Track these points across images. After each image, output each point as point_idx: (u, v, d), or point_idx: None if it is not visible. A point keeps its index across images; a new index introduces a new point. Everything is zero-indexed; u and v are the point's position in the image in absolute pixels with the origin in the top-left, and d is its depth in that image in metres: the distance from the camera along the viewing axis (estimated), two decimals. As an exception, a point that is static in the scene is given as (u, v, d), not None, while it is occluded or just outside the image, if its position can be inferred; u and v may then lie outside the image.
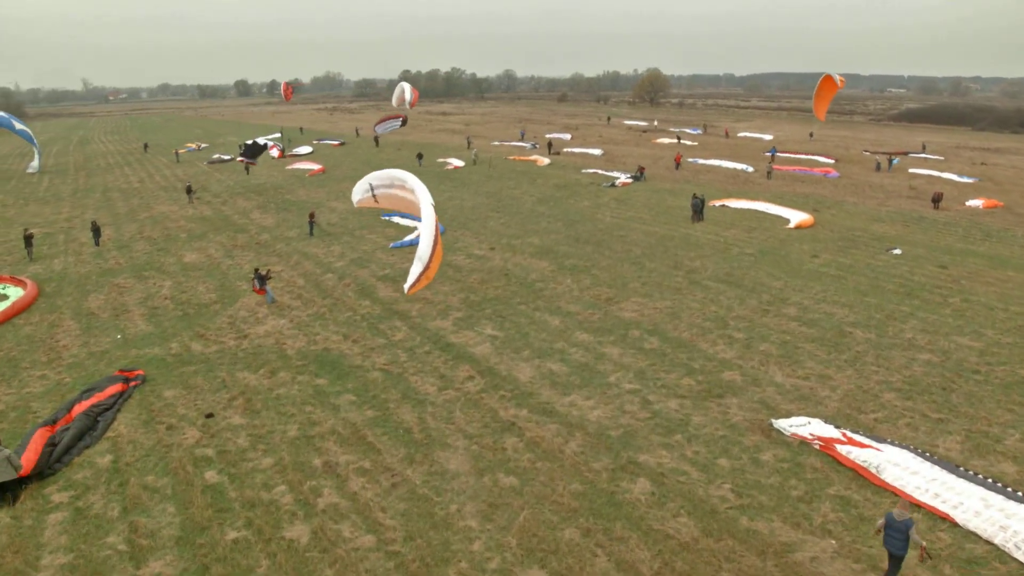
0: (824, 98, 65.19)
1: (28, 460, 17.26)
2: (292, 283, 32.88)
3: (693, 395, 20.81)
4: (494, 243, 39.60)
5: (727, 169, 70.02)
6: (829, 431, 18.50)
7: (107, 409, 20.54)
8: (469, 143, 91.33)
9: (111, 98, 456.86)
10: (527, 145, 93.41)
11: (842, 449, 17.53)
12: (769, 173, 63.53)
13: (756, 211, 47.35)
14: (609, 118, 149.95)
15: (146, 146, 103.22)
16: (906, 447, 17.66)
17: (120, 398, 21.07)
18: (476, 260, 36.02)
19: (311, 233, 42.75)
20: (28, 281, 33.97)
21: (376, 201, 32.20)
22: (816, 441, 17.96)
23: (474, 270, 34.19)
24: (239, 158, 61.71)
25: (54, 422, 19.38)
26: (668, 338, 25.18)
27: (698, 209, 44.03)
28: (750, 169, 68.78)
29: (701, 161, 75.58)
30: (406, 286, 27.55)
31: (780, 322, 26.58)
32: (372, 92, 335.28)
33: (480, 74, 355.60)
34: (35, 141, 79.87)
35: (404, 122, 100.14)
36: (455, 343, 25.14)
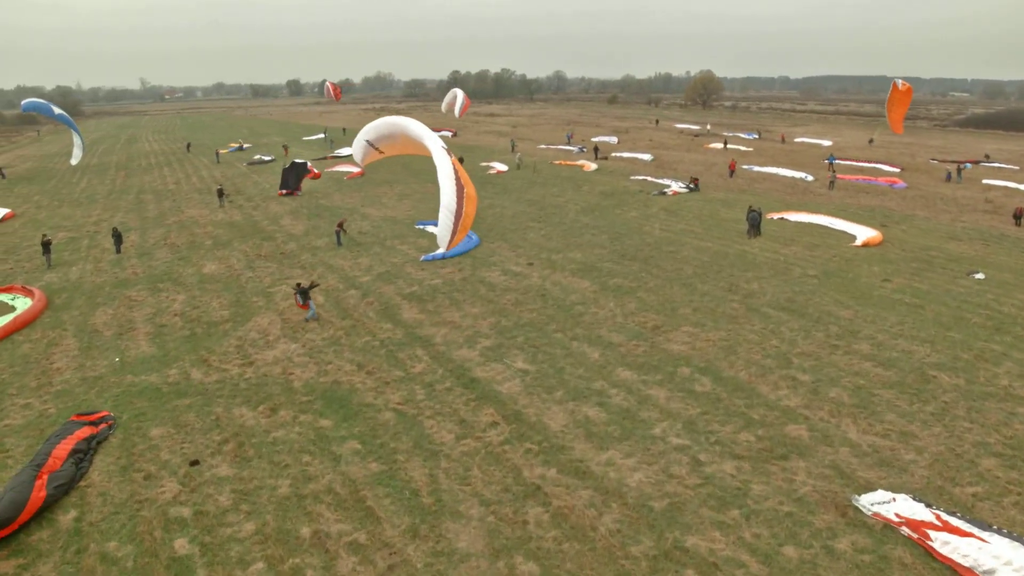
0: (898, 109, 61.00)
1: (28, 512, 15.62)
2: (312, 300, 30.44)
3: (752, 455, 17.69)
4: (533, 258, 36.77)
5: (785, 178, 66.08)
6: (919, 511, 15.27)
7: (84, 455, 18.13)
8: (513, 146, 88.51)
9: (167, 97, 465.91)
10: (574, 149, 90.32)
11: (937, 538, 14.32)
12: (832, 183, 59.44)
13: (818, 225, 43.70)
14: (658, 121, 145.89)
15: (189, 146, 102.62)
16: (1018, 538, 14.37)
17: (93, 441, 18.62)
18: (512, 277, 33.21)
19: (339, 243, 40.38)
20: (37, 292, 32.18)
21: (382, 152, 30.31)
22: (904, 526, 14.77)
23: (509, 289, 31.39)
24: (280, 191, 59.65)
25: (37, 468, 16.96)
26: (722, 378, 22.04)
27: (755, 223, 40.60)
28: (810, 178, 64.76)
29: (757, 168, 71.73)
30: (443, 244, 25.45)
31: (851, 361, 23.24)
32: (421, 93, 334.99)
33: (530, 75, 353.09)
34: (76, 126, 79.54)
35: (454, 134, 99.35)
36: (480, 378, 22.33)
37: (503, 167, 72.71)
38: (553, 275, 33.55)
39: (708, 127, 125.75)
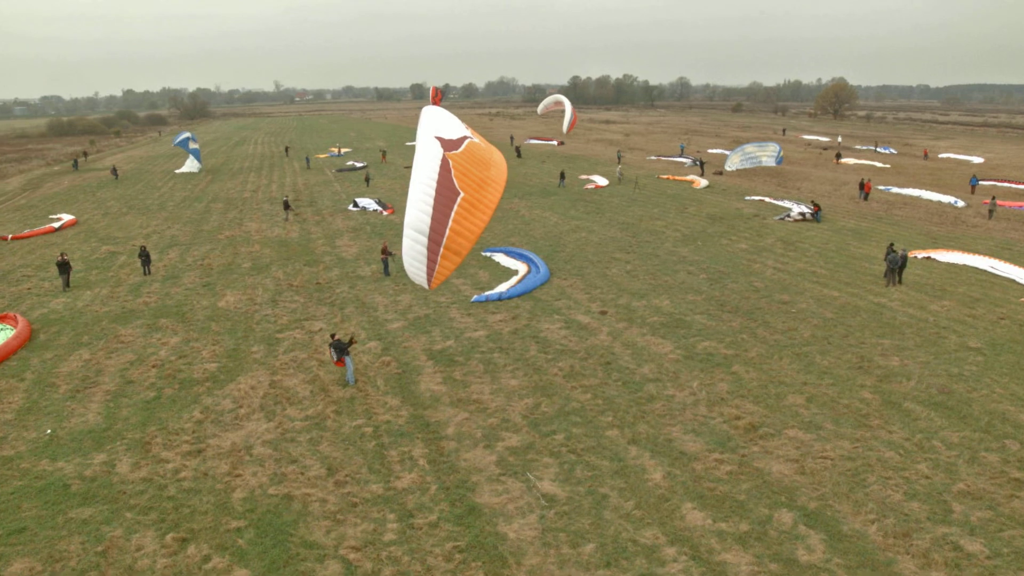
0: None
1: None
2: (318, 354, 24.63)
3: None
4: (608, 304, 29.80)
5: (930, 202, 56.07)
6: None
7: None
8: (620, 157, 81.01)
9: (298, 99, 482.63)
10: (687, 161, 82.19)
11: None
12: (992, 211, 49.22)
13: (976, 269, 34.74)
14: (784, 131, 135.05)
15: (287, 149, 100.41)
16: None
17: None
18: (574, 332, 26.39)
19: (386, 272, 34.52)
20: (22, 324, 27.80)
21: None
22: None
23: (565, 351, 24.57)
24: (353, 207, 54.70)
25: None
26: (842, 537, 14.48)
27: (896, 267, 32.09)
28: (960, 203, 54.64)
29: (895, 190, 61.89)
30: (415, 278, 18.97)
31: (1049, 514, 15.29)
32: (542, 98, 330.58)
33: (653, 81, 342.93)
34: (200, 157, 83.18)
35: (560, 144, 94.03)
36: (483, 507, 15.64)
37: (603, 181, 65.84)
38: (628, 331, 26.51)
39: (839, 139, 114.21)
